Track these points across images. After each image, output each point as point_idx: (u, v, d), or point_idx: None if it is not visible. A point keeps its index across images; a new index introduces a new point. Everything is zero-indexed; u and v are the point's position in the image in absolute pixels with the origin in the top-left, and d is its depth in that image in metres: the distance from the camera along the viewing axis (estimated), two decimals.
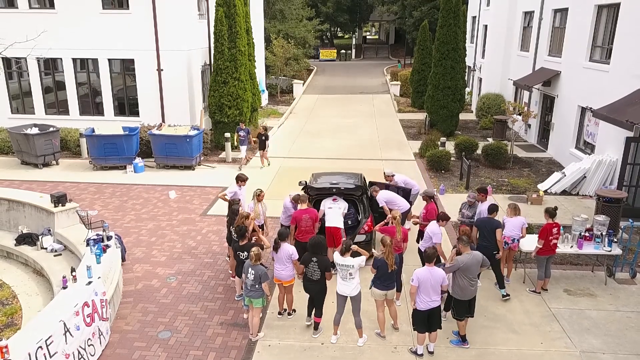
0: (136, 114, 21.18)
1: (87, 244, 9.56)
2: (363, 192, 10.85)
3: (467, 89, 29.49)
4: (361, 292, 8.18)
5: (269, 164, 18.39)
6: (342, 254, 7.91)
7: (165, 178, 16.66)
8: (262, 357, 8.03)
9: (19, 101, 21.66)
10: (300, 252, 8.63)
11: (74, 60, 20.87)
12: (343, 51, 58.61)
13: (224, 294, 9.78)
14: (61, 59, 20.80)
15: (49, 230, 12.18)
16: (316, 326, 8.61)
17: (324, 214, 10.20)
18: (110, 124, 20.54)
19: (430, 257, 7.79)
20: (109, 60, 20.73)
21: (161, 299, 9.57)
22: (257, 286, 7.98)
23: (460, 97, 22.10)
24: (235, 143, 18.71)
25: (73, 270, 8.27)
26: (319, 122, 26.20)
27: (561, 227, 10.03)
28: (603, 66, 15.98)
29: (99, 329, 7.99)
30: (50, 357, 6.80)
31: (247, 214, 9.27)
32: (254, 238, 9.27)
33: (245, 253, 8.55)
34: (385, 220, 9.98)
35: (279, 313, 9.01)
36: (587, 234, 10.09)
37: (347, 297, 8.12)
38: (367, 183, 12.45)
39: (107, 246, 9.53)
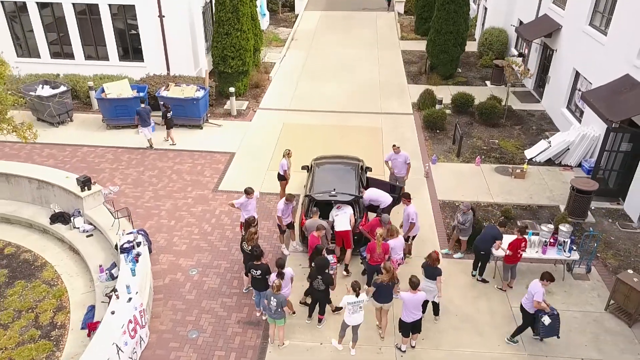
0: (140, 59, 21.51)
1: (121, 252, 11.12)
2: (358, 199, 12.17)
3: (472, 12, 28.81)
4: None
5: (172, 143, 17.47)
6: (357, 294, 9.46)
7: (175, 140, 17.66)
8: (273, 356, 10.02)
9: (24, 46, 21.83)
10: None
11: (74, 5, 20.70)
12: None
13: (238, 288, 11.59)
14: (61, 4, 20.66)
15: (79, 211, 13.71)
16: (320, 320, 10.68)
17: (333, 221, 11.72)
18: (115, 69, 21.17)
19: (414, 285, 9.45)
20: (109, 5, 20.58)
21: (186, 295, 11.40)
22: (279, 310, 9.72)
23: (461, 41, 22.19)
24: (136, 122, 17.17)
25: (115, 290, 9.94)
26: (320, 56, 26.32)
27: (530, 233, 11.59)
28: (600, 36, 16.19)
29: (140, 337, 9.89)
30: None
31: (255, 230, 10.73)
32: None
33: (259, 272, 10.17)
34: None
35: None
36: (551, 240, 11.60)
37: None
38: (366, 169, 13.96)
39: (139, 254, 11.09)
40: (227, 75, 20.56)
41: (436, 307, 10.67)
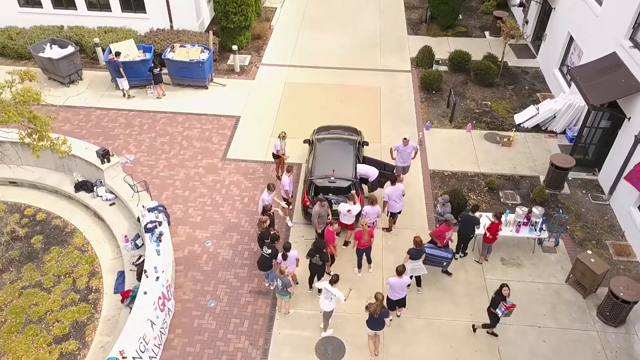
0: (142, 9, 21.67)
1: (145, 231, 12.64)
2: (354, 182, 13.52)
3: None
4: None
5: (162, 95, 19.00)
6: (332, 284, 11.07)
7: (183, 103, 18.60)
8: (280, 323, 11.91)
9: None
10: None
11: None
12: None
13: (249, 259, 13.27)
14: None
15: (101, 181, 15.08)
16: (319, 291, 12.39)
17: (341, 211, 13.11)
18: (118, 20, 21.49)
19: (399, 272, 11.10)
20: None
21: (204, 266, 13.09)
22: (285, 289, 11.41)
23: None
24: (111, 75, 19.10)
25: (145, 270, 11.58)
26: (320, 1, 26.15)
27: (506, 213, 13.07)
28: (595, 6, 16.53)
29: (168, 309, 11.69)
30: (147, 344, 10.61)
31: (266, 218, 12.20)
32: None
33: (269, 251, 11.78)
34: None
35: None
36: (524, 220, 13.08)
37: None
38: (363, 143, 15.34)
39: (161, 234, 12.60)
40: (230, 30, 20.91)
41: (419, 280, 12.41)
